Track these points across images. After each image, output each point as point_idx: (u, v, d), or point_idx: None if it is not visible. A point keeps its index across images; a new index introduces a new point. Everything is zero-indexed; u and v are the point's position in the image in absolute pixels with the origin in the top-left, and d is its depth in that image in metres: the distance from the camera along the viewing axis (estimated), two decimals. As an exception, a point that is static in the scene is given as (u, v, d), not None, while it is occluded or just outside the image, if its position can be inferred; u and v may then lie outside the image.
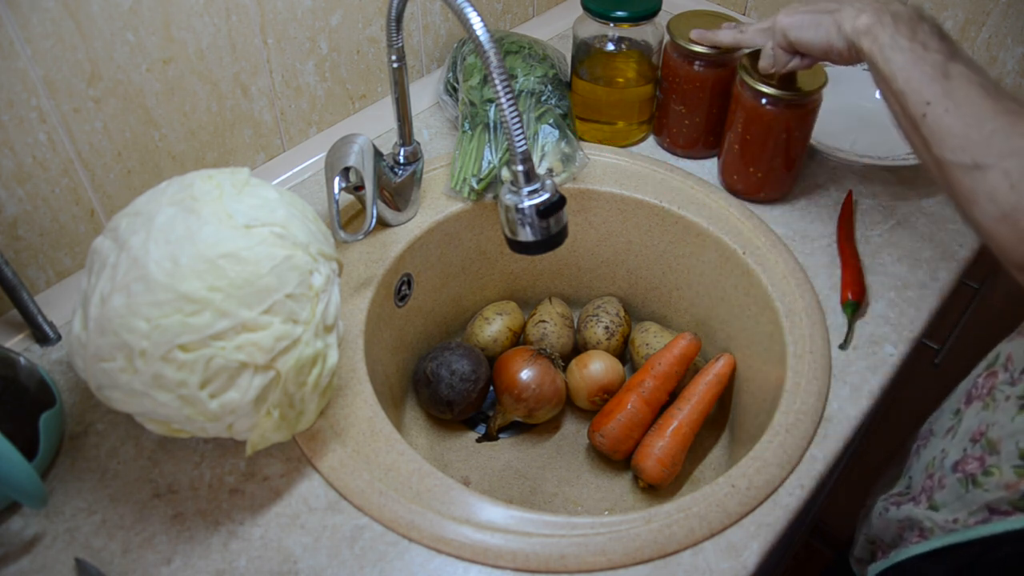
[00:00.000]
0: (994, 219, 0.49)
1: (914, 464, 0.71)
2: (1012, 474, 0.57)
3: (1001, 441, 0.59)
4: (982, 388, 0.64)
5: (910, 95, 0.55)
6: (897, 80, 0.56)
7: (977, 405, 0.64)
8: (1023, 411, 0.58)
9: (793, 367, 0.70)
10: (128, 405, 0.55)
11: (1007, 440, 0.58)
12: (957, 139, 0.51)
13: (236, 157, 0.84)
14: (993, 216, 0.49)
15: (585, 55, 0.90)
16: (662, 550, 0.58)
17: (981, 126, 0.51)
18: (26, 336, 0.70)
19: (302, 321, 0.56)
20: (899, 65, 0.56)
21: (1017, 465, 0.57)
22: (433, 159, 0.89)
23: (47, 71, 0.65)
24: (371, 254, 0.79)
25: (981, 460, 0.61)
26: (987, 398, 0.63)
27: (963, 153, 0.51)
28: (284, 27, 0.81)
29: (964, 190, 0.51)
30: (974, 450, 0.62)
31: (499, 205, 0.64)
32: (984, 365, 0.66)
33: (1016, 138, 0.49)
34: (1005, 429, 0.59)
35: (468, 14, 0.57)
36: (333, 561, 0.57)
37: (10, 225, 0.69)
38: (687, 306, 0.91)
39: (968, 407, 0.65)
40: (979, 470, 0.60)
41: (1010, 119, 0.50)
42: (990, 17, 0.91)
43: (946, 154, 0.52)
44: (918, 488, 0.68)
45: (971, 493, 0.60)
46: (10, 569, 0.56)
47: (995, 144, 0.49)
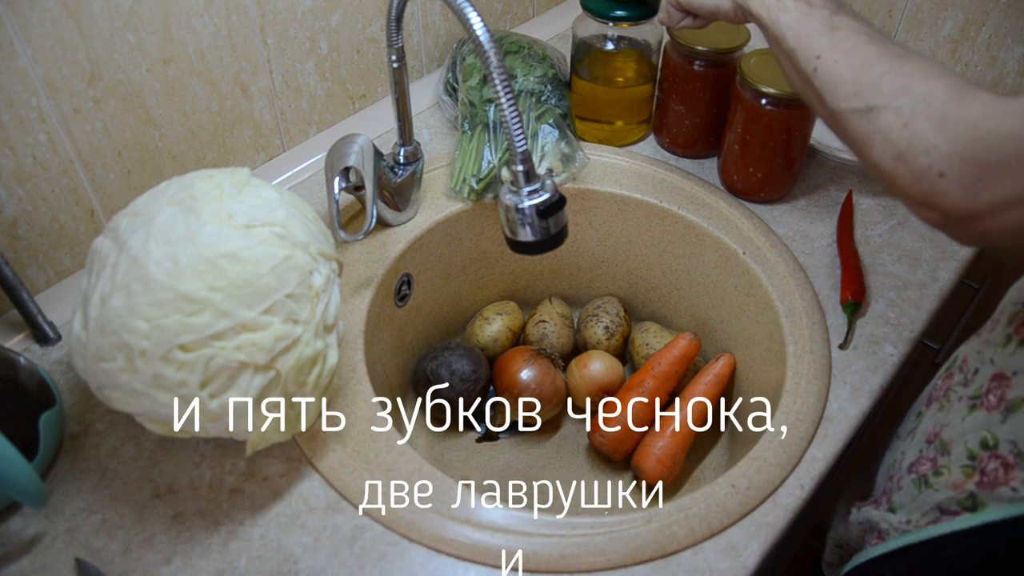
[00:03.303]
0: (891, 158, 0.49)
1: (879, 467, 0.71)
2: (960, 474, 0.58)
3: (952, 442, 0.59)
4: (940, 390, 0.65)
5: (800, 52, 0.56)
6: (787, 39, 0.57)
7: (935, 407, 0.64)
8: (973, 411, 0.58)
9: (793, 367, 0.70)
10: (128, 405, 0.55)
11: (957, 440, 0.59)
12: (849, 85, 0.52)
13: (236, 157, 0.84)
14: (890, 155, 0.49)
15: (584, 55, 0.89)
16: (662, 550, 0.58)
17: (871, 70, 0.52)
18: (26, 336, 0.70)
19: (302, 321, 0.56)
20: (787, 24, 0.57)
21: (965, 465, 0.57)
22: (433, 159, 0.89)
23: (47, 71, 0.65)
24: (371, 254, 0.79)
25: (933, 461, 0.61)
26: (943, 399, 0.63)
27: (856, 99, 0.52)
28: (284, 27, 0.81)
29: (861, 135, 0.52)
30: (928, 451, 0.62)
31: (499, 205, 0.64)
32: (945, 367, 0.66)
33: (904, 77, 0.50)
34: (956, 430, 0.59)
35: (468, 14, 0.57)
36: (333, 561, 0.57)
37: (10, 225, 0.69)
38: (687, 306, 0.91)
39: (928, 409, 0.66)
40: (931, 471, 0.61)
41: (897, 61, 0.51)
42: (990, 17, 0.91)
43: (840, 103, 0.53)
44: (880, 490, 0.68)
45: (924, 494, 0.61)
46: (10, 569, 0.56)
47: (885, 85, 0.50)
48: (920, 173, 0.47)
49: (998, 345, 0.58)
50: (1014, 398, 0.55)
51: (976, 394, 0.59)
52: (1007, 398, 0.56)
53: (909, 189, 0.49)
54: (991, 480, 0.55)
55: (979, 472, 0.56)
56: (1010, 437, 0.55)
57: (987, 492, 0.55)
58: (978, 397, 0.58)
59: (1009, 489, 0.54)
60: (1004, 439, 0.55)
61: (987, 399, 0.57)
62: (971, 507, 0.56)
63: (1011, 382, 0.56)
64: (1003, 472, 0.55)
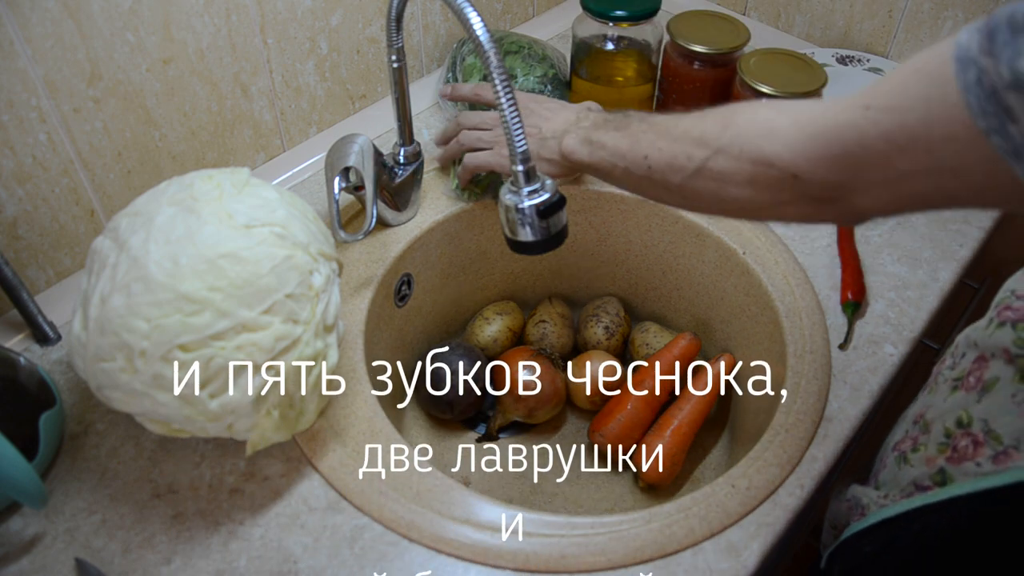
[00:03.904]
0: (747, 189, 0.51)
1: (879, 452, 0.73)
2: (935, 451, 0.59)
3: (933, 421, 0.61)
4: (933, 375, 0.67)
5: (631, 165, 0.59)
6: (616, 164, 0.61)
7: (925, 391, 0.66)
8: (954, 392, 0.60)
9: (793, 367, 0.70)
10: (128, 405, 0.55)
11: (938, 420, 0.60)
12: (679, 158, 0.54)
13: (236, 157, 0.84)
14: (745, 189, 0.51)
15: (584, 54, 0.89)
16: (662, 550, 0.58)
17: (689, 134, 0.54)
18: (26, 336, 0.70)
19: (302, 321, 0.56)
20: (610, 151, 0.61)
21: (942, 443, 0.59)
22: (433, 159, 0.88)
23: (47, 71, 0.65)
24: (371, 254, 0.79)
25: (915, 439, 0.62)
26: (932, 384, 0.65)
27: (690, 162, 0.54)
28: (284, 27, 0.81)
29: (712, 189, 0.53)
30: (913, 430, 0.64)
31: (499, 205, 0.64)
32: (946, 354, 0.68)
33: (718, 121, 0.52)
34: (938, 409, 0.61)
35: (468, 14, 0.57)
36: (333, 561, 0.57)
37: (10, 225, 0.69)
38: (687, 306, 0.91)
39: (922, 394, 0.67)
40: (910, 448, 0.62)
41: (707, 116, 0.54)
42: (990, 17, 0.91)
43: (679, 175, 0.55)
44: (874, 471, 0.69)
45: (902, 470, 0.62)
46: (10, 569, 0.56)
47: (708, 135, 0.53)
48: (776, 185, 0.49)
49: (982, 328, 0.59)
50: (990, 378, 0.57)
51: (959, 376, 0.60)
52: (984, 378, 0.57)
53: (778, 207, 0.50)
54: (960, 456, 0.57)
55: (951, 449, 0.58)
56: (983, 416, 0.56)
57: (955, 467, 0.57)
58: (960, 379, 0.60)
59: (974, 464, 0.55)
60: (977, 417, 0.56)
61: (968, 380, 0.59)
62: (941, 482, 0.58)
63: (989, 363, 0.57)
64: (972, 449, 0.56)
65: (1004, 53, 0.35)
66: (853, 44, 1.04)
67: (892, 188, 0.44)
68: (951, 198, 0.43)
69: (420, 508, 0.59)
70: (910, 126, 0.41)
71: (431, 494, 0.60)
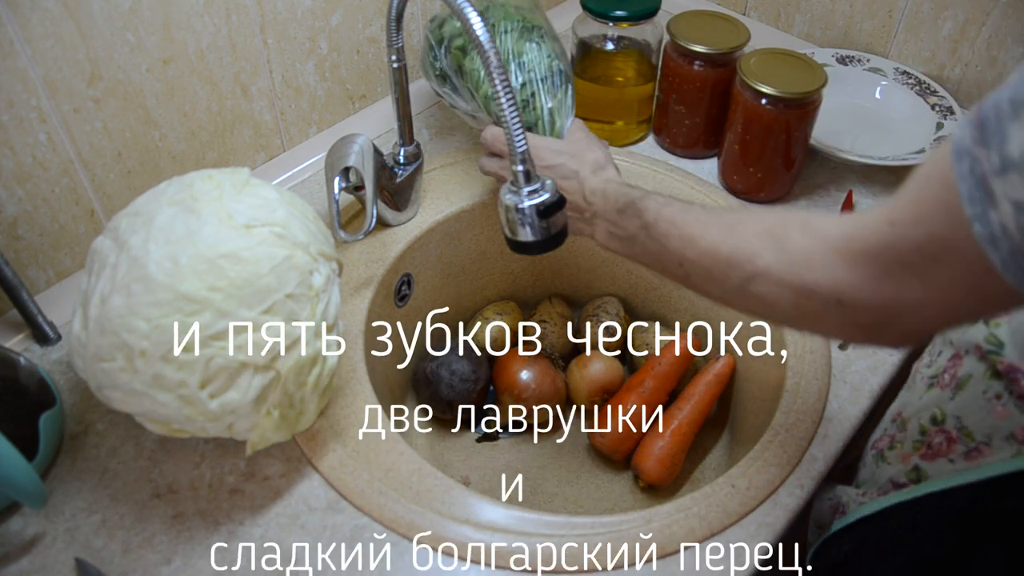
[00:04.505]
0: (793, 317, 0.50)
1: None
2: (911, 448, 0.60)
3: (910, 419, 0.61)
4: (913, 372, 0.67)
5: (666, 269, 0.58)
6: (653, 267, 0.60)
7: (904, 389, 0.67)
8: (931, 389, 0.60)
9: (793, 367, 0.70)
10: (128, 405, 0.55)
11: (914, 418, 0.61)
12: (716, 272, 0.53)
13: (236, 157, 0.84)
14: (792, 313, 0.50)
15: (585, 55, 0.89)
16: (662, 550, 0.58)
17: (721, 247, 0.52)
18: (26, 336, 0.70)
19: (302, 321, 0.56)
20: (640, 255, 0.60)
21: (917, 440, 0.59)
22: (433, 159, 0.89)
23: (47, 71, 0.65)
24: (371, 254, 0.79)
25: (892, 437, 0.63)
26: (911, 381, 0.66)
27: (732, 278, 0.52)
28: (284, 27, 0.81)
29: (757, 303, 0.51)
30: (891, 428, 0.64)
31: (499, 205, 0.64)
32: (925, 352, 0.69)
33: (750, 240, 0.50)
34: (914, 407, 0.61)
35: (468, 14, 0.57)
36: (333, 561, 0.57)
37: (10, 225, 0.69)
38: (687, 306, 0.91)
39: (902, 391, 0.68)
40: (887, 446, 0.63)
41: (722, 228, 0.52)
42: (990, 17, 0.91)
43: (719, 288, 0.53)
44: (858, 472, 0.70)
45: (880, 468, 0.63)
46: (10, 569, 0.56)
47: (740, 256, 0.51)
48: (822, 310, 0.47)
49: None
50: (963, 375, 0.57)
51: (935, 374, 0.61)
52: (958, 376, 0.58)
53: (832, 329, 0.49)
54: (934, 452, 0.57)
55: (926, 446, 0.58)
56: (956, 412, 0.56)
57: (929, 464, 0.57)
58: (936, 376, 0.61)
59: (947, 461, 0.56)
60: (951, 414, 0.57)
61: (943, 377, 0.60)
62: (916, 479, 0.58)
63: (963, 360, 0.58)
64: (946, 445, 0.57)
65: (993, 141, 0.35)
66: (853, 44, 1.04)
67: (937, 301, 0.42)
68: None
69: (420, 508, 0.59)
70: (938, 234, 0.39)
71: (431, 494, 0.60)
